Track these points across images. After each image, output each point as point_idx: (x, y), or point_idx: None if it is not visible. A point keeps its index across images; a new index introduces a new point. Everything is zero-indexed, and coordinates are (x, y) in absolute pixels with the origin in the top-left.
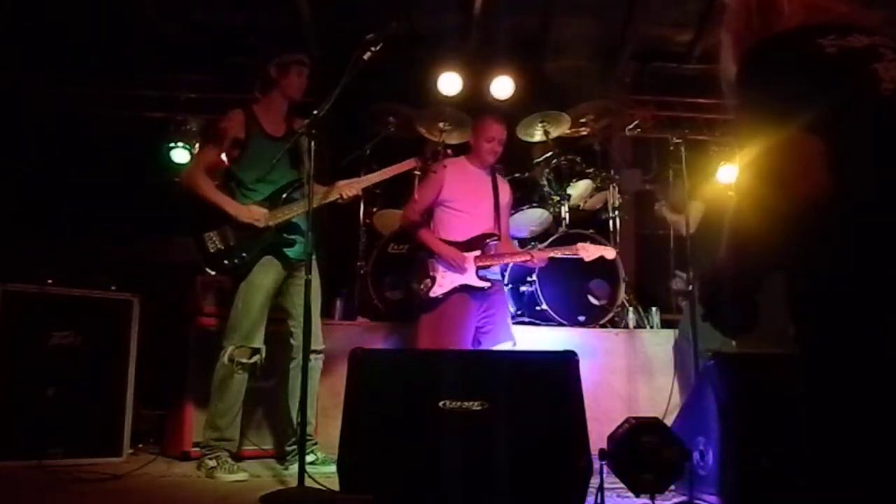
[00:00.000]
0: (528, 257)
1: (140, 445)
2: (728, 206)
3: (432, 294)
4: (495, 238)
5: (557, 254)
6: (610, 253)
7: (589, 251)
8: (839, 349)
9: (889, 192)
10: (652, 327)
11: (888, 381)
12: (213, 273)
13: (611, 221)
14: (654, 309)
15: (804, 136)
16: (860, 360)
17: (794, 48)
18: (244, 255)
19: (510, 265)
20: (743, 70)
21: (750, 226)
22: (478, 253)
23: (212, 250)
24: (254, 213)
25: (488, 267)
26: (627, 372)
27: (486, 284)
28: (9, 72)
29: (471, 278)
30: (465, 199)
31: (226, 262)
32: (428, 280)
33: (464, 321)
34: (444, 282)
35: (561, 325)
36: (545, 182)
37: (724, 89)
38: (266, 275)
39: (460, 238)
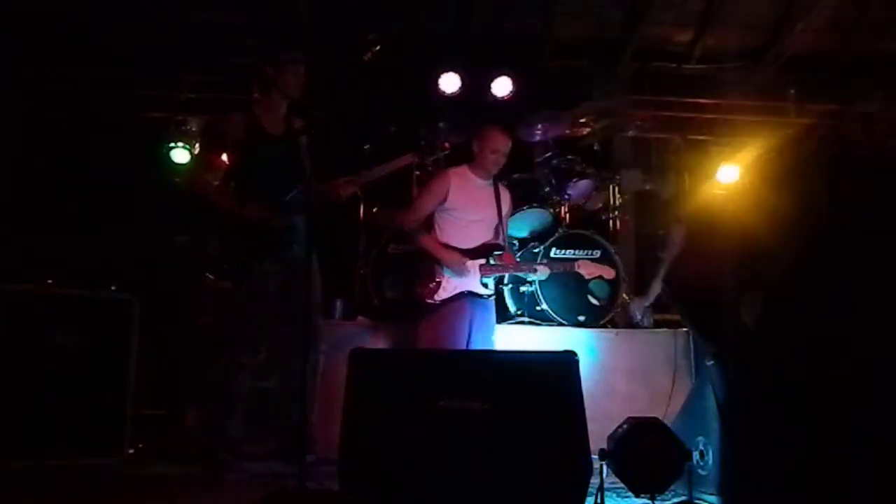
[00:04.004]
0: (530, 271)
1: (140, 445)
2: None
3: (437, 298)
4: (501, 251)
5: (558, 269)
6: (608, 273)
7: (590, 269)
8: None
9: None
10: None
11: (888, 384)
12: (213, 277)
13: (611, 221)
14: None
15: (800, 140)
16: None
17: None
18: (243, 258)
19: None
20: None
21: (750, 227)
22: (482, 261)
23: (211, 255)
24: (254, 213)
25: (491, 275)
26: (627, 372)
27: (488, 292)
28: (8, 71)
29: (474, 285)
30: (469, 209)
31: (226, 265)
32: (433, 285)
33: (462, 327)
34: (449, 286)
35: (561, 325)
36: (545, 182)
37: None
38: (266, 275)
39: (463, 245)
